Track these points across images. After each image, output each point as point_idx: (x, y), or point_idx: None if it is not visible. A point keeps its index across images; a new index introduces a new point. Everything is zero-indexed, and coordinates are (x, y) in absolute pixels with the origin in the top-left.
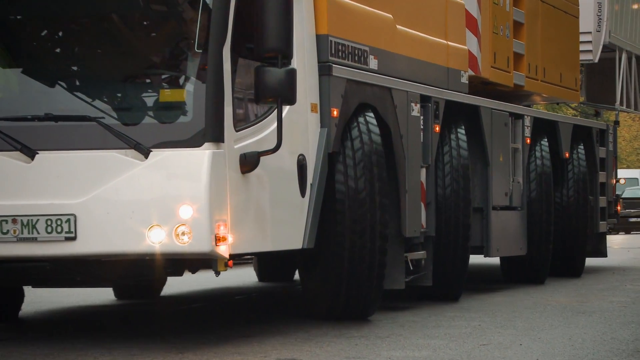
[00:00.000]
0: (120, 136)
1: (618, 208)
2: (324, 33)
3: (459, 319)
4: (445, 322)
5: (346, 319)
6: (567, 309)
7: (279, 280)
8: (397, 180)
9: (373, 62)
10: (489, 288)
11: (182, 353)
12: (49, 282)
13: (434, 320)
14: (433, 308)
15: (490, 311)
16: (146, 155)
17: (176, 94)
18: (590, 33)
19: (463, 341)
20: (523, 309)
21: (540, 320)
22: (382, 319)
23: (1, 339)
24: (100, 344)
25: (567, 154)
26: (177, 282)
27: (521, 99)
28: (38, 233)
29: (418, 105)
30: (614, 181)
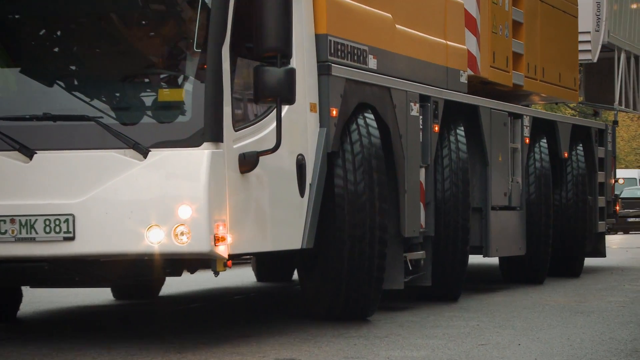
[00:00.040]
0: (119, 136)
1: (617, 208)
2: (323, 33)
3: (458, 319)
4: (443, 322)
5: (345, 319)
6: (566, 309)
7: (278, 280)
8: (397, 180)
9: (372, 62)
10: (488, 288)
11: (181, 353)
12: (48, 282)
13: (433, 320)
14: (432, 308)
15: (488, 311)
16: (145, 155)
17: (175, 94)
18: (589, 33)
19: (462, 341)
20: (521, 309)
21: (538, 320)
22: (381, 319)
23: (0, 339)
24: (99, 344)
25: (566, 154)
26: (176, 282)
27: (520, 99)
28: (36, 233)
29: (417, 105)
30: (613, 181)
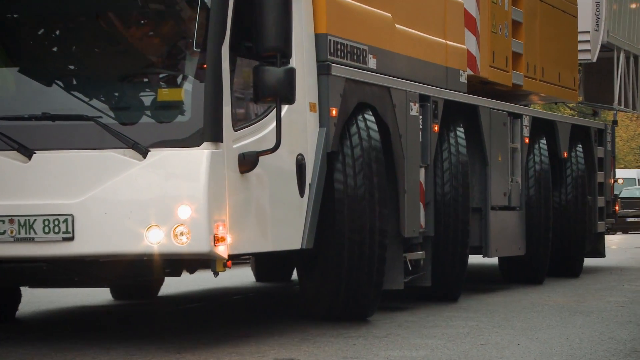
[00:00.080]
0: (118, 136)
1: (616, 208)
2: (323, 32)
3: (457, 319)
4: (443, 322)
5: (345, 320)
6: (565, 309)
7: (277, 280)
8: (396, 180)
9: (372, 62)
10: (487, 288)
11: (180, 353)
12: (47, 283)
13: (432, 320)
14: (431, 308)
15: (488, 311)
16: (144, 155)
17: (174, 94)
18: (588, 32)
19: (461, 341)
20: (521, 309)
21: (537, 320)
22: (380, 319)
23: None
24: (98, 344)
25: (566, 154)
26: (175, 282)
27: (519, 99)
28: (35, 233)
29: (417, 104)
30: (612, 181)
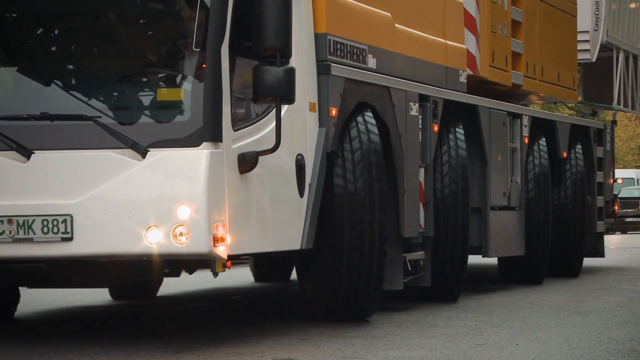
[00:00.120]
0: (117, 136)
1: (615, 208)
2: (323, 32)
3: (456, 319)
4: (442, 322)
5: (345, 320)
6: (564, 309)
7: (276, 280)
8: (396, 180)
9: (372, 61)
10: (486, 288)
11: (179, 353)
12: (46, 283)
13: (431, 320)
14: (430, 308)
15: (486, 311)
16: (143, 155)
17: (174, 93)
18: (587, 32)
19: (460, 341)
20: (520, 309)
21: (536, 320)
22: (379, 319)
23: None
24: (97, 344)
25: (565, 154)
26: (174, 282)
27: (519, 99)
28: (34, 233)
29: (417, 104)
30: (612, 181)
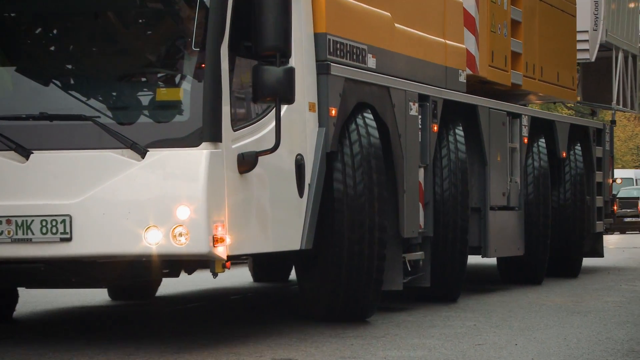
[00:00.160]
0: (116, 136)
1: (614, 208)
2: (322, 31)
3: (455, 319)
4: (440, 322)
5: (345, 320)
6: (563, 309)
7: (274, 280)
8: (395, 180)
9: (371, 61)
10: (486, 288)
11: (178, 353)
12: (44, 283)
13: (430, 320)
14: (429, 308)
15: (485, 311)
16: (143, 155)
17: (173, 93)
18: (587, 32)
19: (458, 341)
20: (518, 309)
21: (535, 320)
22: (378, 319)
23: None
24: (95, 344)
25: (564, 154)
26: (173, 282)
27: (518, 98)
28: (33, 234)
29: (416, 104)
30: (611, 181)
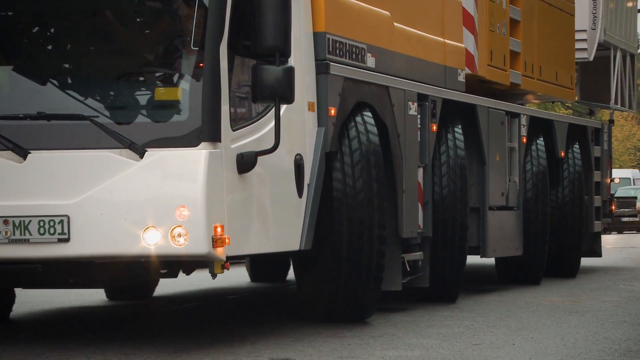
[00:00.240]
0: (114, 135)
1: (612, 208)
2: (322, 30)
3: (452, 319)
4: (438, 322)
5: (344, 321)
6: (560, 309)
7: (272, 280)
8: (395, 180)
9: (370, 60)
10: (484, 288)
11: (175, 352)
12: (42, 284)
13: (427, 319)
14: (426, 308)
15: (483, 311)
16: (141, 155)
17: (172, 93)
18: (585, 31)
19: (456, 341)
20: (516, 309)
21: (533, 319)
22: (376, 319)
23: None
24: (92, 344)
25: (563, 153)
26: (170, 282)
27: (516, 98)
28: (30, 234)
29: (415, 104)
30: (609, 180)
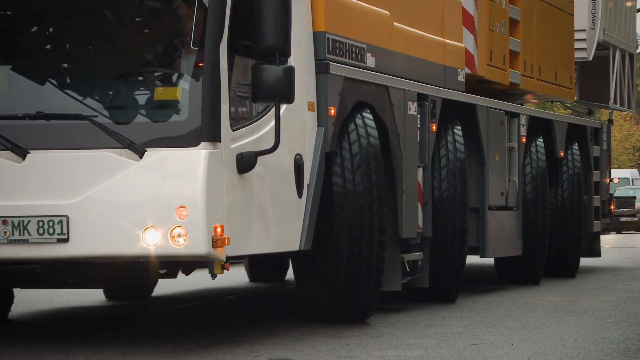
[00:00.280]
0: (114, 135)
1: (611, 207)
2: (322, 30)
3: (452, 319)
4: (437, 322)
5: (344, 322)
6: (559, 309)
7: (270, 280)
8: (394, 180)
9: (370, 60)
10: (483, 288)
11: (174, 352)
12: (41, 284)
13: (426, 319)
14: (425, 308)
15: (482, 311)
16: (141, 155)
17: (171, 92)
18: (584, 31)
19: (455, 340)
20: (515, 309)
21: (532, 319)
22: (375, 319)
23: None
24: (91, 344)
25: (562, 153)
26: (169, 282)
27: (516, 97)
28: (29, 235)
29: (415, 103)
30: (608, 180)
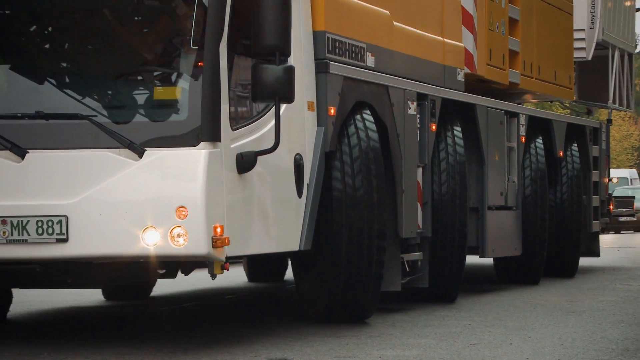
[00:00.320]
0: (113, 135)
1: (610, 207)
2: (321, 30)
3: (450, 319)
4: (436, 322)
5: (344, 322)
6: (558, 309)
7: (269, 280)
8: (394, 180)
9: (370, 60)
10: (482, 288)
11: (173, 352)
12: (40, 284)
13: (425, 319)
14: (424, 308)
15: (481, 310)
16: (140, 154)
17: (171, 92)
18: (583, 30)
19: (454, 340)
20: (514, 309)
21: (530, 319)
22: (374, 319)
23: None
24: (90, 344)
25: (561, 153)
26: (167, 282)
27: (515, 97)
28: (28, 235)
29: (415, 103)
30: (607, 180)
